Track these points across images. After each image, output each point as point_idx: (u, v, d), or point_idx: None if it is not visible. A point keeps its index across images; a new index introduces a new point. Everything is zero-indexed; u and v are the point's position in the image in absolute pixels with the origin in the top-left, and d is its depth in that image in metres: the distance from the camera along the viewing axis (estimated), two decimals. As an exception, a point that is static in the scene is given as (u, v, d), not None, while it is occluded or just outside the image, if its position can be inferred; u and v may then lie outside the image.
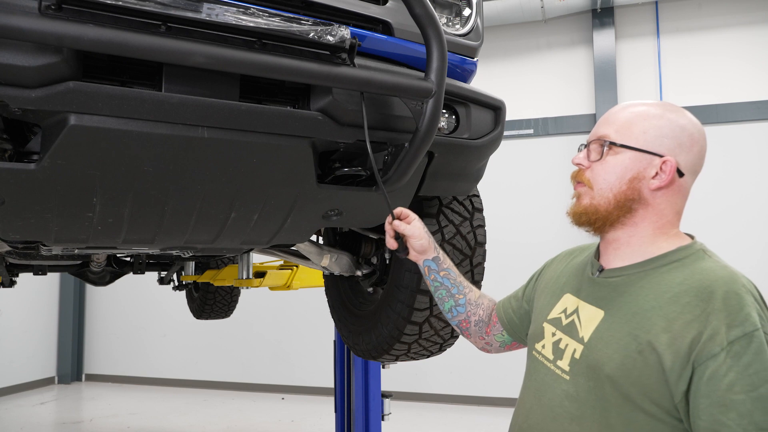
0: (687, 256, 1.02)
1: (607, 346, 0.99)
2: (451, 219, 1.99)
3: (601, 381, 0.98)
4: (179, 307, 6.13)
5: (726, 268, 0.98)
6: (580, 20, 6.94)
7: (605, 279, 1.08)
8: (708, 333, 0.89)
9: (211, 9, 1.12)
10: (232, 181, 1.39)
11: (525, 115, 6.92)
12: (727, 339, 0.87)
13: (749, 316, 0.89)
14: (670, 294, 0.96)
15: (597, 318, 1.04)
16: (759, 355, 0.86)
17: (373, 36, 1.46)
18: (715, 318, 0.90)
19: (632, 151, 1.04)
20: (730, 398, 0.86)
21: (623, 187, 1.04)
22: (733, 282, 0.93)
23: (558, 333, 1.11)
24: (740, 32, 6.39)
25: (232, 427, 6.04)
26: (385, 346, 2.13)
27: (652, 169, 1.03)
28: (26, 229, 1.39)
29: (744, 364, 0.86)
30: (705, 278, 0.95)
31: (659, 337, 0.93)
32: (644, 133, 1.04)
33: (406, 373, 6.49)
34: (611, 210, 1.05)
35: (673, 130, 1.04)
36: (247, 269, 3.88)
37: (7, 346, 7.58)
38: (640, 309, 0.98)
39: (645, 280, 1.01)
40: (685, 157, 1.04)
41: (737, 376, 0.86)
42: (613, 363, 0.97)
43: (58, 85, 1.09)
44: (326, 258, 2.30)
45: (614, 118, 1.09)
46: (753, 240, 6.10)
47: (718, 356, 0.87)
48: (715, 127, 6.29)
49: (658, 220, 1.05)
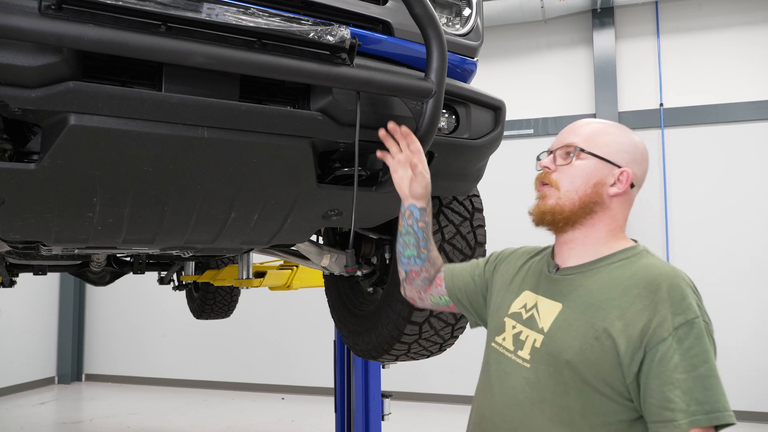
0: (633, 255, 1.13)
1: (566, 335, 1.09)
2: (451, 219, 1.99)
3: (560, 366, 1.08)
4: (179, 307, 6.13)
5: (668, 265, 1.10)
6: (580, 20, 6.94)
7: (561, 276, 1.18)
8: (657, 320, 1.01)
9: (211, 9, 1.12)
10: (232, 181, 1.39)
11: (525, 115, 6.92)
12: (673, 325, 0.99)
13: (690, 305, 1.01)
14: (621, 287, 1.07)
15: (555, 310, 1.14)
16: (699, 339, 0.99)
17: (373, 36, 1.46)
18: (662, 307, 1.01)
19: (597, 159, 1.15)
20: (675, 377, 0.97)
21: (588, 190, 1.15)
22: (675, 276, 1.06)
23: (518, 326, 1.20)
24: (740, 32, 6.39)
25: (232, 427, 6.04)
26: (385, 346, 2.13)
27: (612, 178, 1.15)
28: (26, 229, 1.39)
29: (686, 347, 0.98)
30: (651, 273, 1.07)
31: (614, 325, 1.04)
32: (607, 145, 1.16)
33: (406, 373, 6.49)
34: (575, 210, 1.15)
35: (630, 147, 1.17)
36: (247, 269, 3.88)
37: (7, 346, 7.58)
38: (596, 300, 1.09)
39: (598, 276, 1.12)
40: (637, 170, 1.17)
41: (681, 358, 0.98)
42: (572, 349, 1.07)
43: (58, 85, 1.09)
44: (326, 258, 2.29)
45: (579, 130, 1.20)
46: (753, 240, 6.10)
47: (666, 341, 0.99)
48: (715, 127, 6.29)
49: (611, 223, 1.16)
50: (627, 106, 6.64)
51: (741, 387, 5.98)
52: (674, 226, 6.37)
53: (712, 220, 6.23)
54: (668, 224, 6.38)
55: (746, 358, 5.98)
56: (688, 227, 6.32)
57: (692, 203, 6.33)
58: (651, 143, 6.51)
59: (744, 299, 6.05)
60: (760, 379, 5.93)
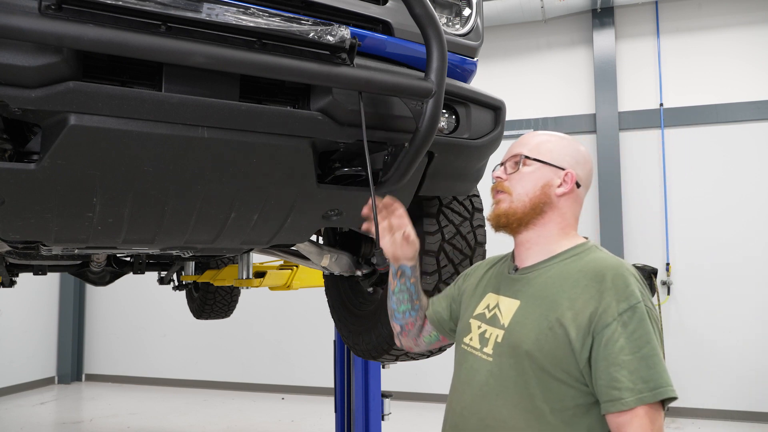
0: (583, 251, 1.23)
1: (524, 327, 1.18)
2: (451, 219, 1.99)
3: (520, 357, 1.17)
4: (179, 307, 6.13)
5: (614, 258, 1.20)
6: (580, 20, 6.94)
7: (520, 275, 1.28)
8: (602, 307, 1.10)
9: (211, 9, 1.12)
10: (232, 181, 1.39)
11: (525, 115, 6.92)
12: (617, 311, 1.09)
13: (633, 292, 1.11)
14: (571, 280, 1.17)
15: (514, 307, 1.24)
16: (641, 322, 1.08)
17: (373, 36, 1.46)
18: (607, 295, 1.11)
19: (542, 164, 1.27)
20: (621, 359, 1.06)
21: (537, 192, 1.26)
22: (619, 267, 1.15)
23: (483, 325, 1.29)
24: (740, 32, 6.39)
25: (232, 427, 6.04)
26: (385, 346, 2.13)
27: (558, 179, 1.26)
28: (26, 229, 1.39)
29: (630, 331, 1.07)
30: (597, 265, 1.17)
31: (565, 315, 1.13)
32: (551, 152, 1.28)
33: (406, 373, 6.48)
34: (527, 212, 1.26)
35: (572, 151, 1.30)
36: (247, 269, 3.87)
37: (7, 346, 7.58)
38: (549, 294, 1.19)
39: (551, 271, 1.22)
40: (580, 171, 1.29)
41: (626, 341, 1.07)
42: (529, 340, 1.16)
43: (58, 85, 1.09)
44: (326, 258, 2.29)
45: (525, 141, 1.33)
46: (753, 240, 6.10)
47: (611, 325, 1.08)
48: (715, 127, 6.29)
49: (561, 222, 1.27)
50: (627, 106, 6.64)
51: (741, 387, 5.98)
52: (674, 226, 6.37)
53: (712, 220, 6.23)
54: (668, 224, 6.38)
55: (746, 358, 5.99)
56: (688, 227, 6.32)
57: (692, 203, 6.33)
58: (651, 143, 6.52)
59: (744, 299, 6.05)
60: (760, 379, 5.93)
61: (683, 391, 6.07)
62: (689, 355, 6.14)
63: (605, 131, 6.56)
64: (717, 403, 6.04)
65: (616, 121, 6.55)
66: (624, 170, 6.53)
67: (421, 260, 1.94)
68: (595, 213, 6.58)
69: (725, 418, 5.98)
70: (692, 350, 6.15)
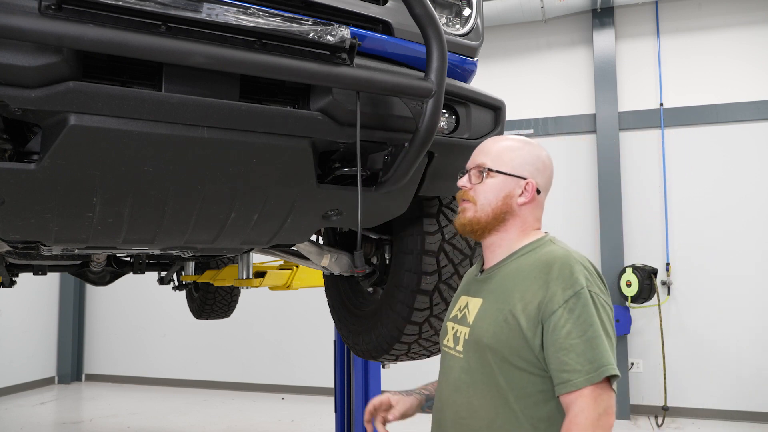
0: (538, 246, 1.31)
1: (484, 322, 1.26)
2: (451, 219, 1.99)
3: (483, 351, 1.24)
4: (179, 307, 6.13)
5: (564, 249, 1.27)
6: (580, 20, 6.94)
7: (485, 276, 1.36)
8: (548, 296, 1.17)
9: (211, 9, 1.12)
10: (232, 181, 1.39)
11: (525, 115, 6.91)
12: (563, 298, 1.16)
13: (577, 279, 1.17)
14: (524, 273, 1.25)
15: (478, 305, 1.32)
16: (585, 307, 1.15)
17: (373, 36, 1.46)
18: (553, 284, 1.18)
19: (504, 176, 1.32)
20: (568, 343, 1.13)
21: (499, 203, 1.32)
22: (567, 257, 1.22)
23: (456, 326, 1.38)
24: (740, 32, 6.38)
25: (232, 427, 6.04)
26: (385, 346, 2.13)
27: (519, 189, 1.32)
28: (26, 229, 1.39)
29: (576, 316, 1.14)
30: (547, 258, 1.24)
31: (516, 306, 1.21)
32: (512, 161, 1.33)
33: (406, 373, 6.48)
34: (489, 220, 1.32)
35: (532, 159, 1.34)
36: (247, 269, 3.87)
37: (7, 346, 7.57)
38: (505, 289, 1.27)
39: (509, 268, 1.30)
40: (541, 179, 1.35)
41: (572, 326, 1.14)
42: (488, 334, 1.23)
43: (58, 85, 1.09)
44: (326, 258, 2.29)
45: (488, 149, 1.36)
46: (753, 240, 6.10)
47: (556, 312, 1.15)
48: (715, 127, 6.29)
49: (521, 225, 1.34)
50: (627, 106, 6.63)
51: (741, 387, 5.98)
52: (674, 226, 6.36)
53: (712, 220, 6.23)
54: (668, 224, 6.38)
55: (746, 358, 5.98)
56: (688, 227, 6.32)
57: (692, 203, 6.33)
58: (651, 143, 6.51)
59: (744, 299, 6.04)
60: (760, 379, 5.92)
61: (683, 391, 6.07)
62: (689, 355, 6.14)
63: (605, 131, 6.56)
64: (717, 403, 6.03)
65: (616, 121, 6.54)
66: (624, 170, 6.53)
67: (421, 260, 1.94)
68: (595, 213, 6.58)
69: (725, 418, 5.97)
70: (692, 350, 6.15)
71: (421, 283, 1.94)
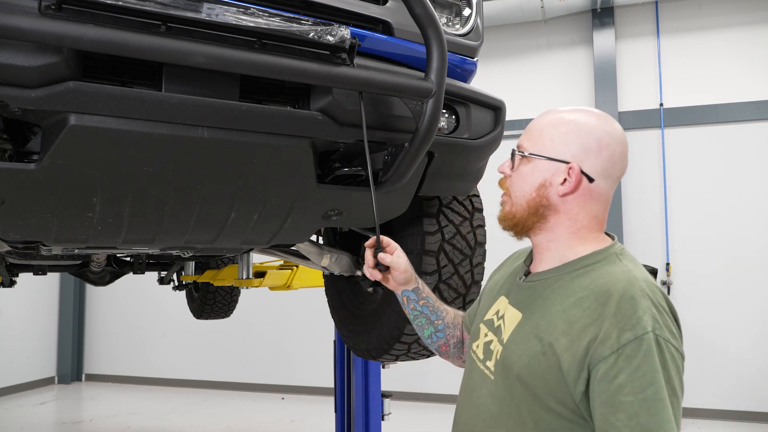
0: (600, 261, 1.05)
1: (518, 347, 1.04)
2: (451, 219, 1.99)
3: (512, 380, 1.03)
4: (179, 307, 6.13)
5: (629, 273, 1.00)
6: (580, 20, 6.94)
7: (528, 283, 1.12)
8: (602, 336, 0.93)
9: (211, 9, 1.12)
10: (232, 181, 1.39)
11: (525, 115, 6.90)
12: (619, 343, 0.91)
13: (641, 319, 0.92)
14: (574, 298, 1.00)
15: (516, 320, 1.09)
16: (647, 357, 0.89)
17: (373, 36, 1.46)
18: (608, 322, 0.93)
19: (541, 160, 1.08)
20: (619, 399, 0.89)
21: (533, 194, 1.09)
22: (631, 286, 0.96)
23: (489, 334, 1.16)
24: (740, 32, 6.39)
25: (232, 427, 6.04)
26: (385, 346, 2.12)
27: (560, 176, 1.06)
28: (26, 229, 1.39)
29: (634, 367, 0.89)
30: (606, 282, 0.98)
31: (559, 340, 0.97)
32: (551, 141, 1.08)
33: (406, 373, 6.48)
34: (526, 216, 1.10)
35: (579, 137, 1.06)
36: (247, 269, 3.87)
37: (7, 346, 7.57)
38: (548, 312, 1.03)
39: (557, 284, 1.05)
40: (593, 161, 1.05)
41: (627, 378, 0.89)
42: (521, 363, 1.02)
43: (58, 85, 1.09)
44: (326, 258, 2.29)
45: (531, 127, 1.14)
46: (753, 240, 6.10)
47: (608, 359, 0.91)
48: (715, 127, 6.29)
49: (572, 225, 1.08)
50: (627, 106, 6.63)
51: (741, 387, 5.98)
52: (674, 226, 6.36)
53: (712, 220, 6.23)
54: (668, 224, 6.38)
55: (746, 357, 5.99)
56: (688, 227, 6.32)
57: (692, 203, 6.33)
58: (651, 143, 6.51)
59: (744, 299, 6.05)
60: (760, 379, 5.93)
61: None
62: (689, 355, 6.05)
63: (605, 131, 6.56)
64: (717, 403, 6.03)
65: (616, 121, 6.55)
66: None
67: (421, 260, 1.94)
68: (595, 213, 6.58)
69: (725, 418, 5.97)
70: (692, 350, 6.15)
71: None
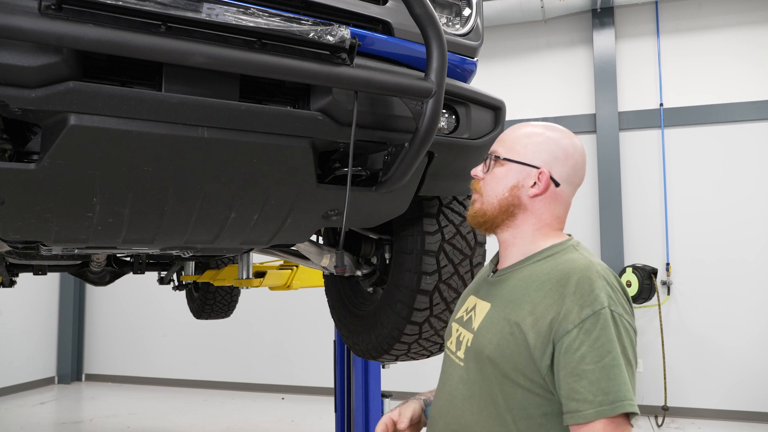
0: (559, 251, 1.17)
1: (488, 331, 1.15)
2: (451, 219, 1.99)
3: (483, 362, 1.13)
4: (179, 307, 6.13)
5: (586, 259, 1.12)
6: (580, 20, 6.94)
7: (496, 278, 1.24)
8: (563, 313, 1.04)
9: (211, 9, 1.12)
10: (232, 181, 1.39)
11: (525, 115, 6.91)
12: (579, 317, 1.02)
13: (598, 297, 1.03)
14: (537, 282, 1.12)
15: (485, 310, 1.20)
16: (604, 329, 1.01)
17: (373, 36, 1.46)
18: (569, 300, 1.04)
19: (514, 164, 1.21)
20: (581, 368, 1.00)
21: (505, 194, 1.21)
22: (587, 269, 1.08)
23: (460, 329, 1.27)
24: (740, 32, 6.39)
25: (232, 427, 6.04)
26: (385, 346, 2.13)
27: (531, 179, 1.19)
28: (26, 229, 1.39)
29: (593, 338, 1.00)
30: (566, 267, 1.10)
31: (525, 320, 1.08)
32: (525, 148, 1.21)
33: (406, 373, 6.48)
34: (496, 214, 1.21)
35: (549, 146, 1.21)
36: (247, 269, 3.88)
37: (7, 346, 7.57)
38: (514, 297, 1.14)
39: (522, 273, 1.17)
40: (560, 169, 1.20)
41: (588, 349, 1.00)
42: (491, 345, 1.12)
43: (58, 85, 1.09)
44: (326, 258, 2.30)
45: (505, 136, 1.27)
46: (753, 239, 6.10)
47: (571, 332, 1.02)
48: (715, 127, 6.29)
49: (536, 223, 1.21)
50: (627, 106, 6.63)
51: (741, 387, 5.98)
52: (674, 226, 6.36)
53: (712, 220, 6.23)
54: (668, 224, 6.38)
55: (746, 357, 5.98)
56: (688, 227, 6.32)
57: (692, 203, 6.33)
58: (651, 143, 6.51)
59: (744, 299, 6.05)
60: (760, 379, 5.93)
61: (683, 391, 6.07)
62: (689, 355, 6.14)
63: (605, 131, 6.56)
64: (717, 403, 6.03)
65: (616, 121, 6.55)
66: (624, 170, 6.53)
67: (421, 260, 1.95)
68: (595, 213, 6.58)
69: (725, 418, 5.98)
70: (692, 350, 6.15)
71: (421, 283, 1.94)
